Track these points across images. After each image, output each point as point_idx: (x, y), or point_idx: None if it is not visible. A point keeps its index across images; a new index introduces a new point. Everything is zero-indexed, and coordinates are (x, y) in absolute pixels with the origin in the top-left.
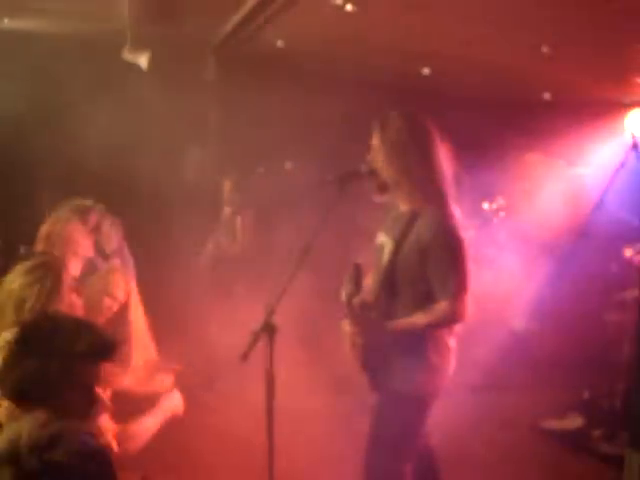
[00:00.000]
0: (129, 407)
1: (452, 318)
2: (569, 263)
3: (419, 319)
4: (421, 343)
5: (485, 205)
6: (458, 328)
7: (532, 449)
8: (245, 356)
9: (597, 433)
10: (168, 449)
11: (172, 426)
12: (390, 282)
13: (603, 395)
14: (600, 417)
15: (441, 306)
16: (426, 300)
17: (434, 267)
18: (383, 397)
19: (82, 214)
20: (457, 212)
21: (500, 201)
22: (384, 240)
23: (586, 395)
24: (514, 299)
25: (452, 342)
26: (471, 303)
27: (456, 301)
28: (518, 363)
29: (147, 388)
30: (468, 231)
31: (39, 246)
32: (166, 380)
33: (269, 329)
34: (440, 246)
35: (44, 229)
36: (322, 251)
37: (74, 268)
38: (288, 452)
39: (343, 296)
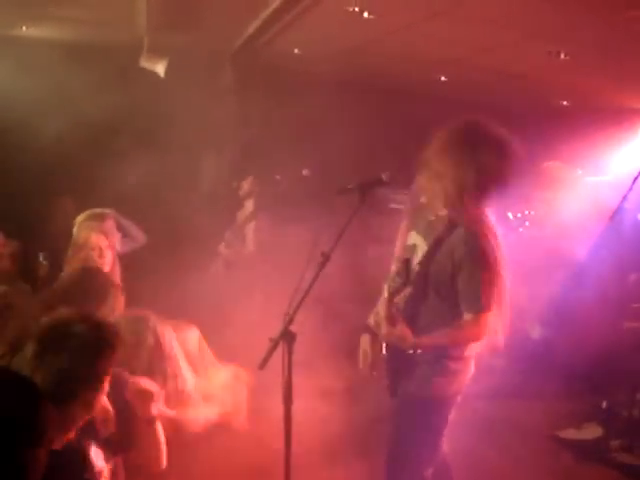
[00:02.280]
0: None
1: (475, 335)
2: (587, 271)
3: (447, 334)
4: (439, 354)
5: (509, 215)
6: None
7: (549, 459)
8: (263, 363)
9: (615, 443)
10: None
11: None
12: (420, 286)
13: (622, 405)
14: (619, 427)
15: (465, 322)
16: (453, 309)
17: (464, 282)
18: (401, 400)
19: (102, 224)
20: (493, 222)
21: (526, 211)
22: (418, 242)
23: (604, 405)
24: (531, 307)
25: (473, 349)
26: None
27: (479, 318)
28: (535, 372)
29: None
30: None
31: (69, 253)
32: None
33: (288, 336)
34: (472, 262)
35: (73, 238)
36: (337, 258)
37: None
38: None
39: (385, 292)
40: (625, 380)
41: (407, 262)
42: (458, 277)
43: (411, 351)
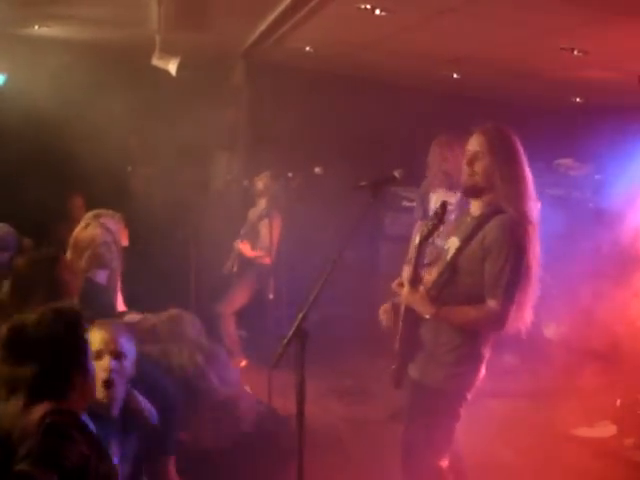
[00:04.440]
0: None
1: (497, 319)
2: (600, 269)
3: (468, 311)
4: (453, 342)
5: None
6: (494, 337)
7: (563, 457)
8: (276, 362)
9: (629, 441)
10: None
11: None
12: (450, 275)
13: (636, 403)
14: (632, 425)
15: (488, 305)
16: (481, 296)
17: (489, 267)
18: (412, 392)
19: (104, 221)
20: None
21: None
22: (453, 241)
23: (618, 403)
24: (544, 305)
25: (485, 351)
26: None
27: (502, 304)
28: (549, 370)
29: None
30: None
31: (69, 254)
32: None
33: (300, 335)
34: (499, 249)
35: (72, 238)
36: (351, 255)
37: (100, 277)
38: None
39: (416, 240)
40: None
41: (445, 204)
42: (486, 262)
43: (427, 316)
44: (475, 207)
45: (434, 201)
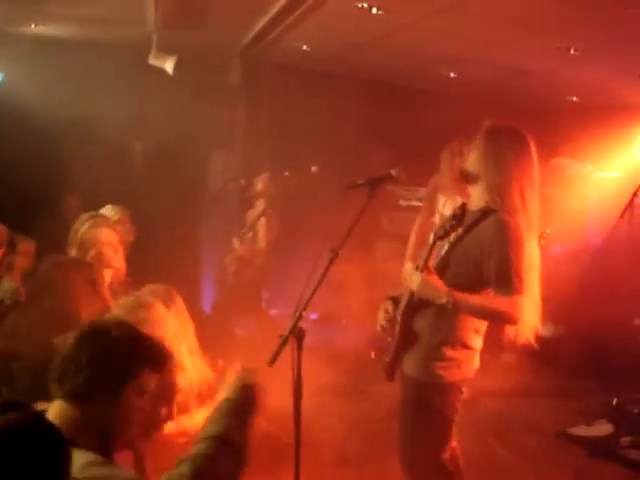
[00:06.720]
0: None
1: (509, 313)
2: (598, 267)
3: (478, 299)
4: (439, 333)
5: None
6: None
7: (560, 456)
8: (273, 360)
9: (626, 440)
10: None
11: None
12: (442, 270)
13: (632, 402)
14: (629, 424)
15: (505, 300)
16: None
17: (495, 264)
18: (404, 385)
19: (113, 222)
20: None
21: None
22: (450, 238)
23: (615, 402)
24: (542, 304)
25: (475, 342)
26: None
27: (513, 300)
28: (546, 369)
29: None
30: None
31: (73, 253)
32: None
33: (297, 333)
34: (503, 245)
35: (78, 236)
36: (347, 254)
37: (105, 275)
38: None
39: (431, 239)
40: (636, 377)
41: (464, 205)
42: (489, 260)
43: (444, 300)
44: (471, 204)
45: (442, 203)
